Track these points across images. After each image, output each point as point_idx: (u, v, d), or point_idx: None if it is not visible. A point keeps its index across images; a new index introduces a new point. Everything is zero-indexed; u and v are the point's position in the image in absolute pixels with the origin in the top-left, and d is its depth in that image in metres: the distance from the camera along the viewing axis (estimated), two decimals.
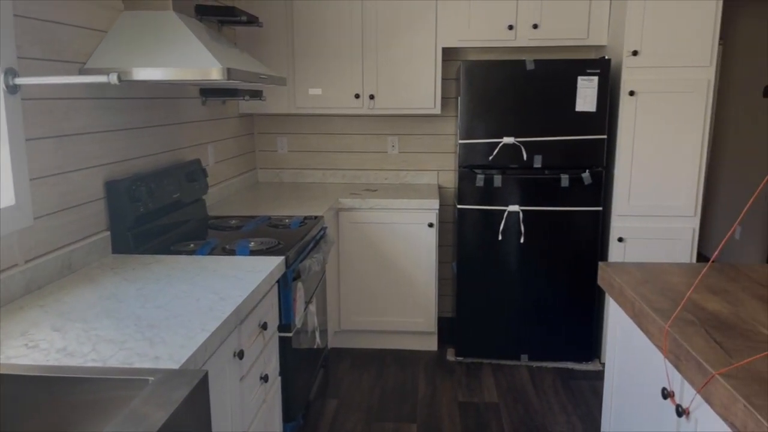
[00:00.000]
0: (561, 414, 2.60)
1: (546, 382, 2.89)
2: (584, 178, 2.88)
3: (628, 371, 1.62)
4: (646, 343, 1.47)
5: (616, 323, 1.71)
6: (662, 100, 2.80)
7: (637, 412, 1.55)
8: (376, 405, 2.68)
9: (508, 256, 3.00)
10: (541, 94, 2.84)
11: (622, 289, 1.56)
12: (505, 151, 2.90)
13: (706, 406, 1.15)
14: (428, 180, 3.58)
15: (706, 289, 1.50)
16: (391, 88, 3.18)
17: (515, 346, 3.08)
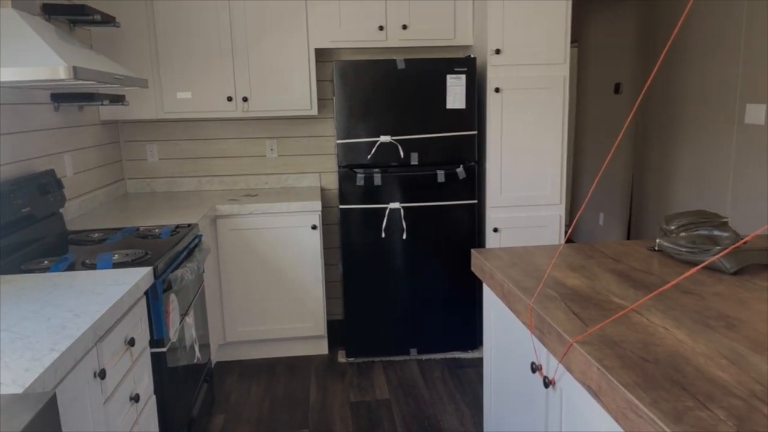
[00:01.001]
0: (450, 403, 2.67)
1: (435, 374, 2.96)
2: (458, 173, 2.98)
3: (503, 351, 1.69)
4: (516, 321, 1.53)
5: (490, 306, 1.78)
6: (525, 96, 2.97)
7: (513, 388, 1.61)
8: (266, 416, 2.59)
9: (392, 253, 3.03)
10: (414, 92, 2.90)
11: (492, 273, 1.62)
12: (382, 150, 2.94)
13: (568, 374, 1.21)
14: (310, 182, 3.54)
15: (566, 267, 1.60)
16: (265, 90, 3.12)
17: (404, 341, 3.12)
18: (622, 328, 1.16)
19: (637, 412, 0.89)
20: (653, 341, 1.10)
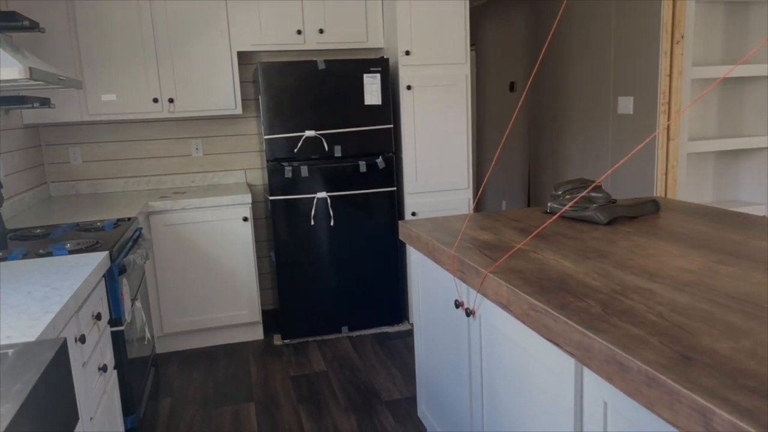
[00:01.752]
0: (382, 369, 2.95)
1: (366, 347, 3.23)
2: (378, 163, 3.28)
3: (429, 298, 1.99)
4: (440, 271, 1.84)
5: (417, 265, 2.08)
6: (433, 93, 3.32)
7: (439, 326, 1.92)
8: (211, 395, 2.76)
9: (320, 240, 3.28)
10: (334, 90, 3.17)
11: (418, 236, 1.92)
12: (308, 144, 3.18)
13: (485, 301, 1.53)
14: (236, 179, 3.71)
15: (478, 227, 1.93)
16: (190, 91, 3.26)
17: (336, 320, 3.37)
18: (523, 262, 1.49)
19: (536, 309, 1.21)
20: (546, 268, 1.43)
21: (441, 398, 1.99)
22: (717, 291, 1.20)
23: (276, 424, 2.48)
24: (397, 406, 2.58)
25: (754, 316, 1.06)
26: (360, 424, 2.44)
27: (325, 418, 2.51)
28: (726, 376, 0.84)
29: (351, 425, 2.44)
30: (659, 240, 1.65)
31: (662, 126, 3.48)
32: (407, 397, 2.66)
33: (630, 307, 1.14)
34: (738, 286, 1.23)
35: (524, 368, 1.37)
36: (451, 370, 1.86)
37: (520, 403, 1.41)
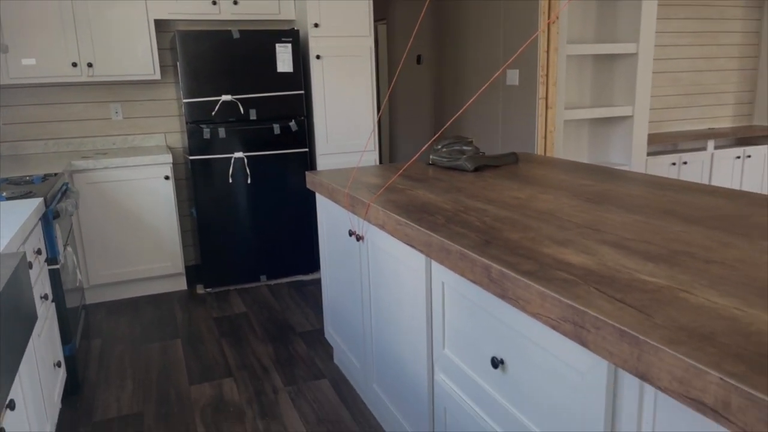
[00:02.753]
0: (297, 309, 3.33)
1: (283, 293, 3.59)
2: (291, 126, 3.60)
3: (331, 232, 2.37)
4: (337, 208, 2.23)
5: (321, 206, 2.45)
6: (341, 62, 3.66)
7: (339, 255, 2.31)
8: (139, 335, 3.03)
9: (238, 197, 3.58)
10: (249, 58, 3.45)
11: (321, 182, 2.29)
12: (225, 107, 3.45)
13: (370, 227, 1.93)
14: (156, 142, 3.92)
15: (371, 175, 2.32)
16: (108, 56, 3.43)
17: (255, 270, 3.70)
18: (399, 196, 1.90)
19: (400, 224, 1.61)
20: (415, 199, 1.84)
21: (342, 317, 2.40)
22: (529, 209, 1.65)
23: (201, 354, 2.81)
24: (308, 335, 2.97)
25: (546, 221, 1.51)
26: (276, 351, 2.81)
27: (245, 348, 2.86)
28: (507, 249, 1.28)
29: (268, 351, 2.81)
30: (507, 180, 2.10)
31: (540, 95, 4.00)
32: (318, 328, 3.05)
33: (465, 219, 1.56)
34: (546, 206, 1.68)
35: (396, 272, 1.79)
36: (348, 290, 2.26)
37: (395, 300, 1.83)
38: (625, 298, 0.98)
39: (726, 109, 5.30)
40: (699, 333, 0.84)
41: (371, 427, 2.18)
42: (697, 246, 1.25)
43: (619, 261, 1.17)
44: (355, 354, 2.27)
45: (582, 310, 0.96)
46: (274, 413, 2.29)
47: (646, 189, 1.85)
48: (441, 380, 1.58)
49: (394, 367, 1.90)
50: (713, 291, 1.00)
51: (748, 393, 0.70)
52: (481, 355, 1.37)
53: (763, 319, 0.88)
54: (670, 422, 0.88)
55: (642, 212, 1.56)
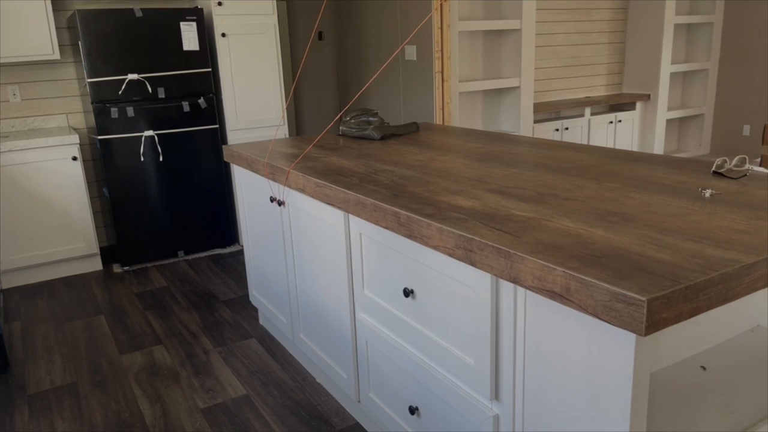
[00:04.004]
0: (217, 279, 3.47)
1: (202, 266, 3.71)
2: (200, 103, 3.68)
3: (252, 202, 2.55)
4: (258, 178, 2.41)
5: (240, 178, 2.62)
6: (247, 40, 3.77)
7: (261, 222, 2.50)
8: (59, 314, 3.06)
9: (151, 175, 3.62)
10: (155, 36, 3.47)
11: (239, 154, 2.45)
12: (132, 86, 3.47)
13: (290, 191, 2.13)
14: (58, 123, 3.85)
15: (286, 146, 2.51)
16: (4, 37, 3.33)
17: (172, 245, 3.78)
18: (316, 163, 2.11)
19: (320, 186, 1.83)
20: (330, 165, 2.07)
21: (266, 278, 2.59)
22: (429, 168, 1.93)
23: (127, 327, 2.90)
24: (233, 302, 3.14)
25: (443, 177, 1.79)
26: (202, 318, 2.96)
27: (171, 317, 2.98)
28: (412, 200, 1.54)
29: (195, 319, 2.95)
30: (410, 146, 2.37)
31: (436, 70, 4.31)
32: (240, 296, 3.22)
33: (376, 179, 1.81)
34: (443, 166, 1.97)
35: (317, 229, 2.02)
36: (271, 253, 2.46)
37: (317, 255, 2.06)
38: (502, 227, 1.27)
39: (600, 79, 5.90)
40: (552, 246, 1.15)
41: (300, 374, 2.41)
42: (559, 189, 1.57)
43: (499, 203, 1.47)
44: (281, 311, 2.49)
45: (470, 237, 1.24)
46: (207, 371, 2.46)
47: (523, 148, 2.19)
48: (362, 318, 1.84)
49: (319, 315, 2.13)
50: (566, 219, 1.31)
51: (581, 278, 1.00)
52: (395, 288, 1.64)
53: (598, 234, 1.20)
54: (535, 311, 1.18)
55: (519, 166, 1.88)
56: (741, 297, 1.04)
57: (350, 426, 2.06)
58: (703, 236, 1.15)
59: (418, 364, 1.59)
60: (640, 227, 1.23)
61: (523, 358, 1.23)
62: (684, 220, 1.26)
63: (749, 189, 1.49)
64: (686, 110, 5.97)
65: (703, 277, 0.97)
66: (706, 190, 1.48)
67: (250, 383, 2.36)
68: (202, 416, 2.15)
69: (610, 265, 1.03)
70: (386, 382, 1.79)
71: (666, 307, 0.93)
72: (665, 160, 1.87)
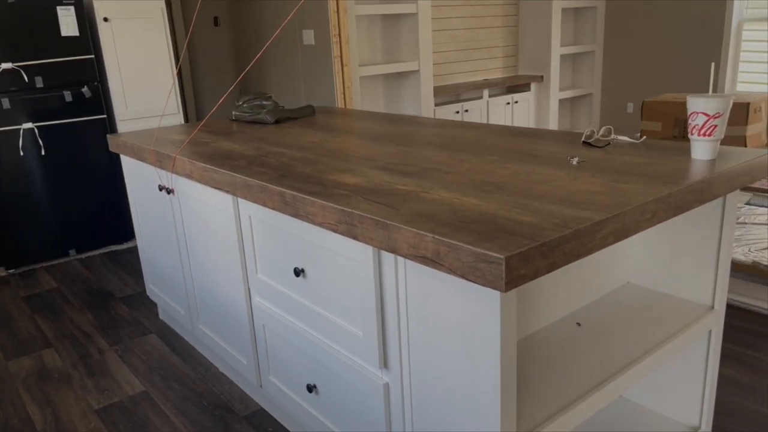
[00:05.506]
0: (114, 277, 3.31)
1: (97, 264, 3.52)
2: (84, 92, 3.47)
3: (141, 191, 2.45)
4: (145, 166, 2.32)
5: (128, 168, 2.51)
6: (133, 25, 3.59)
7: (152, 211, 2.41)
8: None
9: (33, 171, 3.39)
10: (30, 22, 3.23)
11: (125, 143, 2.34)
12: (5, 76, 3.21)
13: (179, 178, 2.07)
14: None
15: (175, 132, 2.43)
16: None
17: (62, 244, 3.56)
18: (204, 148, 2.06)
19: (206, 170, 1.79)
20: (219, 150, 2.02)
21: (162, 271, 2.51)
22: (321, 149, 1.94)
23: (14, 332, 2.71)
24: (130, 299, 3.01)
25: (334, 157, 1.80)
26: (97, 317, 2.83)
27: (63, 319, 2.82)
28: (299, 179, 1.54)
29: (89, 319, 2.81)
30: (305, 129, 2.36)
31: (335, 54, 4.30)
32: (139, 291, 3.10)
33: (264, 161, 1.80)
34: (335, 146, 1.98)
35: (207, 215, 1.97)
36: (165, 244, 2.38)
37: (210, 242, 2.02)
38: (383, 201, 1.31)
39: (497, 61, 6.11)
40: (426, 215, 1.19)
41: (202, 365, 2.36)
42: (442, 164, 1.63)
43: (384, 178, 1.50)
44: (179, 303, 2.42)
45: (350, 212, 1.26)
46: (103, 371, 2.36)
47: (414, 128, 2.24)
48: (258, 302, 1.83)
49: (216, 303, 2.10)
50: (444, 191, 1.36)
51: (449, 243, 1.05)
52: (286, 269, 1.64)
53: (470, 203, 1.25)
54: (414, 279, 1.23)
55: (408, 145, 1.92)
56: (595, 252, 1.12)
57: (254, 412, 2.05)
58: (565, 199, 1.24)
59: (313, 342, 1.60)
60: (510, 194, 1.30)
61: (407, 325, 1.28)
62: (550, 185, 1.35)
63: (612, 156, 1.61)
64: (576, 90, 6.32)
65: (558, 234, 1.04)
66: (574, 158, 1.59)
67: (149, 379, 2.28)
68: (96, 417, 2.06)
69: (477, 229, 1.09)
70: (285, 364, 1.79)
71: (524, 263, 0.99)
72: (543, 134, 1.98)
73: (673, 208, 1.28)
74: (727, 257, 1.62)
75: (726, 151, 1.55)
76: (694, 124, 1.47)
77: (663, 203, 1.24)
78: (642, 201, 1.20)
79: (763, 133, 4.24)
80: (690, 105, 1.46)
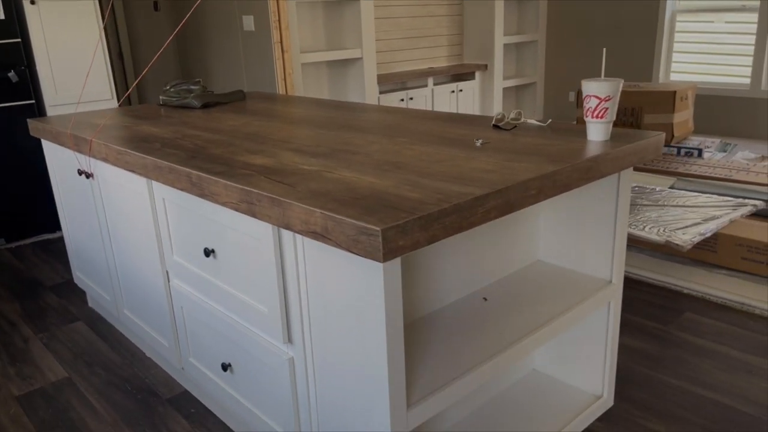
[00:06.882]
0: (44, 266, 3.24)
1: (27, 253, 3.44)
2: (11, 77, 3.37)
3: (62, 176, 2.42)
4: (65, 151, 2.28)
5: (49, 153, 2.46)
6: (61, 7, 3.49)
7: (74, 197, 2.38)
8: None
9: None
10: None
11: (44, 128, 2.30)
12: None
13: (97, 162, 2.05)
14: None
15: (98, 117, 2.39)
16: None
17: None
18: (124, 131, 2.04)
19: (120, 153, 1.78)
20: (138, 133, 2.01)
21: (87, 257, 2.48)
22: (240, 132, 1.95)
23: None
24: (60, 287, 2.96)
25: (250, 140, 1.82)
26: (24, 306, 2.77)
27: None
28: (208, 161, 1.56)
29: (15, 308, 2.75)
30: (231, 113, 2.36)
31: (276, 40, 4.28)
32: (69, 280, 3.05)
33: (180, 144, 1.80)
34: (254, 129, 1.99)
35: (125, 199, 1.96)
36: (88, 229, 2.36)
37: (129, 226, 2.01)
38: (283, 180, 1.34)
39: (441, 50, 6.18)
40: (320, 193, 1.23)
41: (129, 350, 2.36)
42: (353, 145, 1.67)
43: (293, 159, 1.53)
44: (104, 288, 2.40)
45: (249, 190, 1.28)
46: (26, 358, 2.32)
47: (341, 112, 2.27)
48: (175, 284, 1.84)
49: (138, 287, 2.09)
50: (347, 170, 1.40)
51: (334, 217, 1.09)
52: (197, 250, 1.66)
53: (366, 181, 1.30)
54: (311, 255, 1.26)
55: (326, 127, 1.96)
56: (477, 225, 1.18)
57: (178, 394, 2.06)
58: (455, 177, 1.29)
59: (226, 321, 1.62)
60: (406, 173, 1.34)
61: (307, 300, 1.32)
62: (446, 165, 1.40)
63: (516, 138, 1.68)
64: (520, 79, 6.45)
65: (437, 208, 1.09)
66: (479, 140, 1.65)
67: (73, 366, 2.26)
68: (17, 403, 2.04)
69: (365, 204, 1.13)
70: (202, 345, 1.81)
71: (401, 235, 1.04)
72: (460, 118, 2.04)
73: (558, 185, 1.35)
74: (622, 234, 1.72)
75: (622, 133, 1.64)
76: (588, 106, 1.55)
77: (548, 180, 1.31)
78: (526, 178, 1.26)
79: (690, 120, 4.44)
80: (584, 89, 1.54)
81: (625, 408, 1.91)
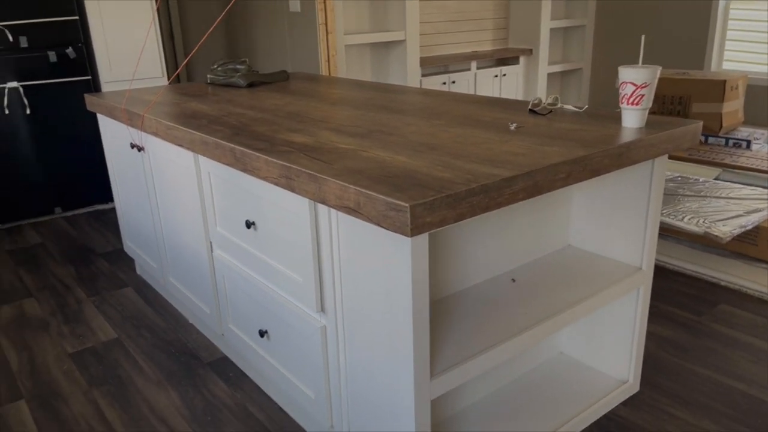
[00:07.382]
0: (97, 234, 3.42)
1: (81, 222, 3.63)
2: (69, 53, 3.53)
3: (117, 150, 2.55)
4: (118, 125, 2.41)
5: (104, 126, 2.60)
6: None
7: (126, 169, 2.51)
8: None
9: (19, 129, 3.47)
10: None
11: (100, 102, 2.43)
12: None
13: (148, 136, 2.16)
14: None
15: (150, 94, 2.51)
16: None
17: (48, 202, 3.67)
18: (173, 108, 2.15)
19: (170, 128, 1.88)
20: (188, 110, 2.11)
21: (136, 226, 2.62)
22: (282, 111, 2.02)
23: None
24: (110, 255, 3.13)
25: (291, 119, 1.89)
26: (78, 270, 2.95)
27: (44, 272, 2.94)
28: (251, 137, 1.64)
29: (70, 272, 2.93)
30: (275, 93, 2.44)
31: (320, 21, 4.34)
32: (119, 248, 3.21)
33: (225, 121, 1.89)
34: (296, 109, 2.07)
35: (173, 173, 2.07)
36: (138, 200, 2.49)
37: (176, 198, 2.12)
38: (321, 157, 1.40)
39: (486, 33, 6.13)
40: (355, 170, 1.29)
41: (173, 316, 2.49)
42: (390, 126, 1.72)
43: (330, 138, 1.59)
44: (152, 257, 2.53)
45: (289, 166, 1.36)
46: (79, 319, 2.48)
47: (380, 93, 2.32)
48: (218, 254, 1.94)
49: (183, 257, 2.21)
50: (381, 150, 1.46)
51: (367, 193, 1.15)
52: (239, 222, 1.75)
53: (400, 161, 1.35)
54: (345, 228, 1.33)
55: (365, 108, 2.01)
56: (505, 206, 1.23)
57: (218, 359, 2.18)
58: (487, 159, 1.33)
59: (264, 290, 1.71)
60: (440, 154, 1.39)
61: (340, 272, 1.39)
62: (480, 147, 1.44)
63: (551, 123, 1.70)
64: (566, 65, 6.35)
65: (465, 187, 1.14)
66: (513, 123, 1.68)
67: (122, 328, 2.41)
68: (70, 360, 2.19)
69: (396, 183, 1.19)
70: (242, 312, 1.91)
71: (429, 212, 1.09)
72: (496, 102, 2.06)
73: (588, 170, 1.37)
74: (655, 221, 1.72)
75: (658, 120, 1.64)
76: (624, 93, 1.56)
77: (578, 165, 1.34)
78: (556, 161, 1.29)
79: (740, 111, 4.31)
80: (620, 75, 1.55)
81: (650, 395, 1.93)
